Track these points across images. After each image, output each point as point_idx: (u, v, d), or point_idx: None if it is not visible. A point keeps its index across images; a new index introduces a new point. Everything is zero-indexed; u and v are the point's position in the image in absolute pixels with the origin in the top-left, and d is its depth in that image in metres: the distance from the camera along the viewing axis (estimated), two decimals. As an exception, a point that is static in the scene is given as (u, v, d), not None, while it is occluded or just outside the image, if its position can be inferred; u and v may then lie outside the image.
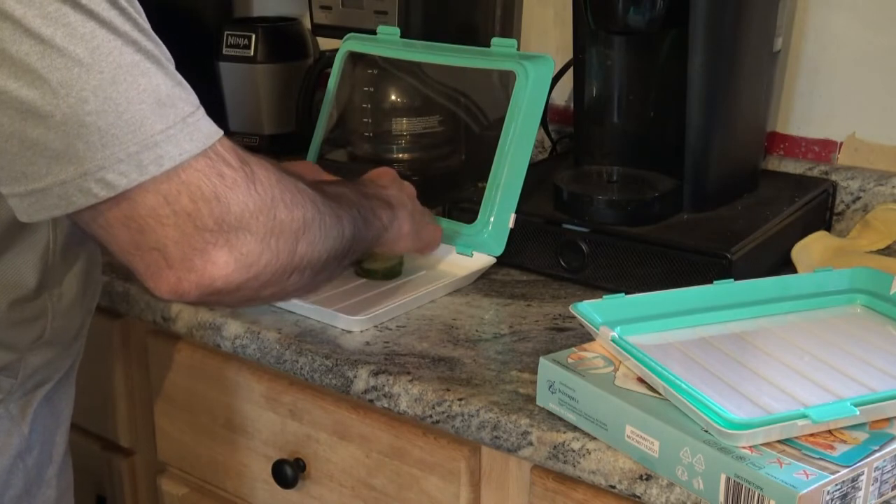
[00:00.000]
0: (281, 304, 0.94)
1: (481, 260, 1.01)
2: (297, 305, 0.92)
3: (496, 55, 1.08)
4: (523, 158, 1.03)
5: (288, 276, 0.71)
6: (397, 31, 1.17)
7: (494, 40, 1.09)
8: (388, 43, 1.16)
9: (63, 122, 0.60)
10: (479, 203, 1.03)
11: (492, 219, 1.02)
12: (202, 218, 0.64)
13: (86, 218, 0.64)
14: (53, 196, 0.62)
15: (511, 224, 1.02)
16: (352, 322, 0.89)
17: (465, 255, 1.02)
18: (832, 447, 0.64)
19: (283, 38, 1.42)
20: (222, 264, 0.66)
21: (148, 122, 0.62)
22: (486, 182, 1.03)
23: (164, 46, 0.65)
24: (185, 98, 0.64)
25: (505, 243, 1.02)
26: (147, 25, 0.65)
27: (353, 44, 1.19)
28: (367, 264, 0.99)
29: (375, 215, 0.87)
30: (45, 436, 0.84)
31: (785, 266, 1.02)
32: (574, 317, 0.78)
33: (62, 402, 0.87)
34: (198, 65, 1.40)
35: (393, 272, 0.99)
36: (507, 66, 1.05)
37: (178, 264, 0.65)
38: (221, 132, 0.66)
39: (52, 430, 0.86)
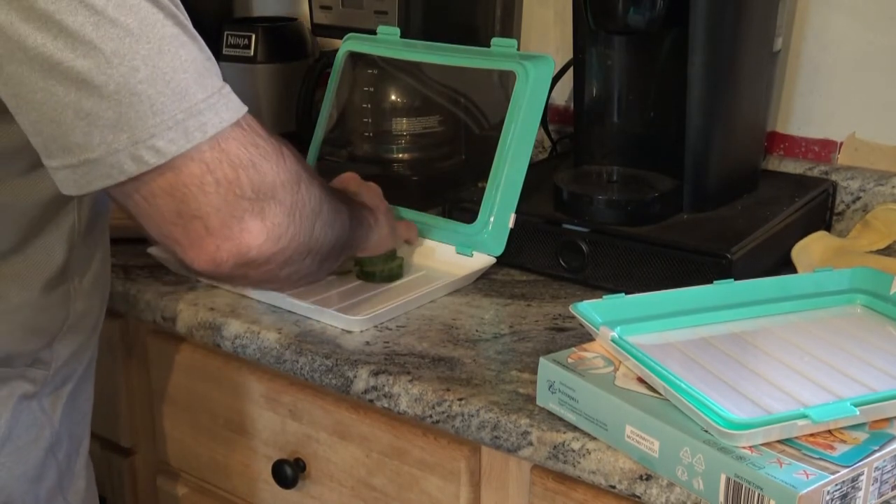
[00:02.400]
0: (281, 304, 0.94)
1: (481, 260, 1.01)
2: (297, 305, 0.93)
3: (496, 55, 1.08)
4: (523, 158, 1.03)
5: (304, 257, 0.74)
6: (397, 31, 1.16)
7: (494, 40, 1.09)
8: (388, 43, 1.16)
9: (116, 91, 0.61)
10: (479, 203, 1.03)
11: (492, 219, 1.02)
12: (241, 185, 0.66)
13: (130, 188, 0.65)
14: (106, 165, 0.63)
15: (511, 224, 1.02)
16: (352, 322, 0.89)
17: (465, 255, 1.02)
18: (832, 447, 0.64)
19: (283, 38, 1.42)
20: (256, 233, 0.67)
21: (191, 91, 0.64)
22: (486, 182, 1.03)
23: (192, 26, 0.68)
24: (216, 72, 0.67)
25: (505, 243, 1.02)
26: (179, 2, 0.67)
27: (353, 44, 1.19)
28: (367, 267, 0.99)
29: (363, 216, 0.90)
30: (71, 430, 0.86)
31: (785, 266, 1.02)
32: (574, 317, 0.78)
33: (84, 397, 0.89)
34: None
35: (393, 274, 0.99)
36: (508, 66, 1.05)
37: (217, 232, 0.66)
38: (246, 107, 0.68)
39: (77, 424, 0.87)
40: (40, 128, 0.64)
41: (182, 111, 0.63)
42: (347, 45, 1.19)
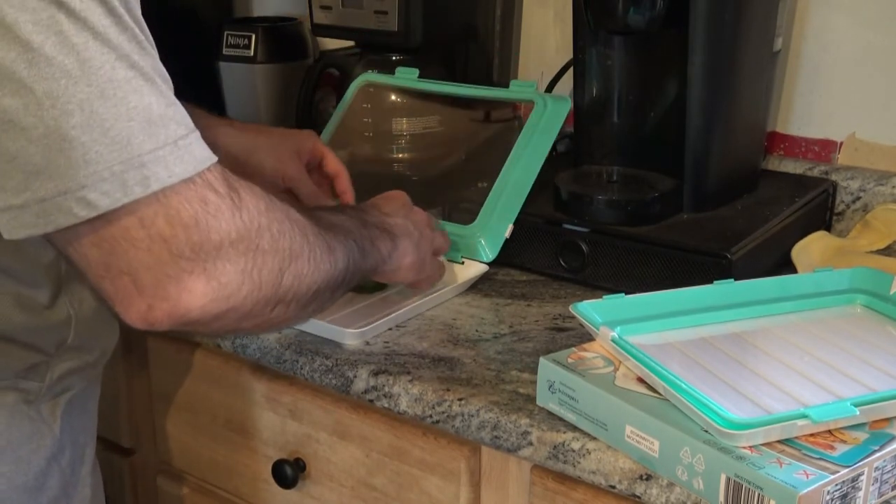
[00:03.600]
0: None
1: (475, 268, 1.00)
2: None
3: (515, 94, 1.13)
4: (529, 178, 1.04)
5: (271, 309, 0.68)
6: (415, 72, 1.17)
7: (513, 83, 1.14)
8: (405, 83, 1.18)
9: (45, 135, 0.57)
10: (478, 203, 1.03)
11: (488, 226, 1.01)
12: (178, 244, 0.61)
13: (61, 238, 0.61)
14: (31, 213, 0.59)
15: (507, 234, 1.01)
16: (347, 335, 0.88)
17: (457, 263, 1.01)
18: (832, 447, 0.64)
19: (283, 38, 1.42)
20: (199, 294, 0.62)
21: (136, 140, 0.59)
22: (486, 182, 1.03)
23: (161, 65, 0.63)
24: (178, 120, 0.61)
25: (497, 251, 1.01)
26: (145, 38, 0.62)
27: (368, 77, 1.20)
28: None
29: (374, 246, 0.83)
30: (74, 435, 0.83)
31: (785, 266, 1.02)
32: (574, 317, 0.78)
33: (90, 400, 0.87)
34: (198, 65, 1.41)
35: (380, 285, 0.97)
36: (527, 97, 1.10)
37: (149, 291, 0.61)
38: (215, 158, 0.64)
39: (81, 428, 0.85)
40: None
41: (120, 162, 0.58)
42: (363, 77, 1.20)
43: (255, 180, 0.70)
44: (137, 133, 0.59)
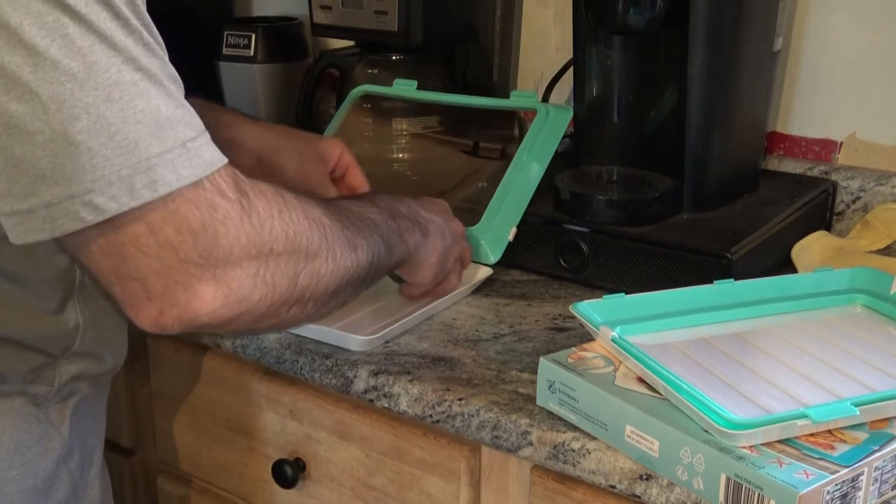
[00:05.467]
0: None
1: (479, 272, 0.99)
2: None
3: (516, 104, 1.14)
4: (532, 184, 1.04)
5: (287, 309, 0.68)
6: (413, 83, 1.17)
7: (514, 93, 1.14)
8: (403, 94, 1.18)
9: (51, 140, 0.57)
10: (479, 204, 1.03)
11: (491, 228, 1.01)
12: (186, 250, 0.61)
13: (71, 243, 0.61)
14: (38, 218, 0.59)
15: (511, 237, 1.01)
16: (356, 342, 0.86)
17: None
18: (832, 447, 0.64)
19: (283, 38, 1.42)
20: (209, 299, 0.62)
21: (143, 144, 0.58)
22: (487, 182, 1.03)
23: (170, 66, 0.62)
24: (186, 122, 0.61)
25: (501, 254, 1.01)
26: (153, 39, 0.62)
27: (365, 88, 1.20)
28: None
29: (402, 239, 0.82)
30: (83, 437, 0.83)
31: (785, 266, 1.02)
32: (574, 317, 0.78)
33: (98, 402, 0.86)
34: (198, 65, 1.41)
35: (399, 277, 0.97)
36: (529, 106, 1.11)
37: (159, 297, 0.61)
38: (225, 160, 0.63)
39: (90, 431, 0.84)
40: None
41: (128, 166, 0.58)
42: (359, 89, 1.20)
43: (276, 180, 0.70)
44: (145, 136, 0.59)
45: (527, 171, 1.04)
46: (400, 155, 1.22)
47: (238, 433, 1.00)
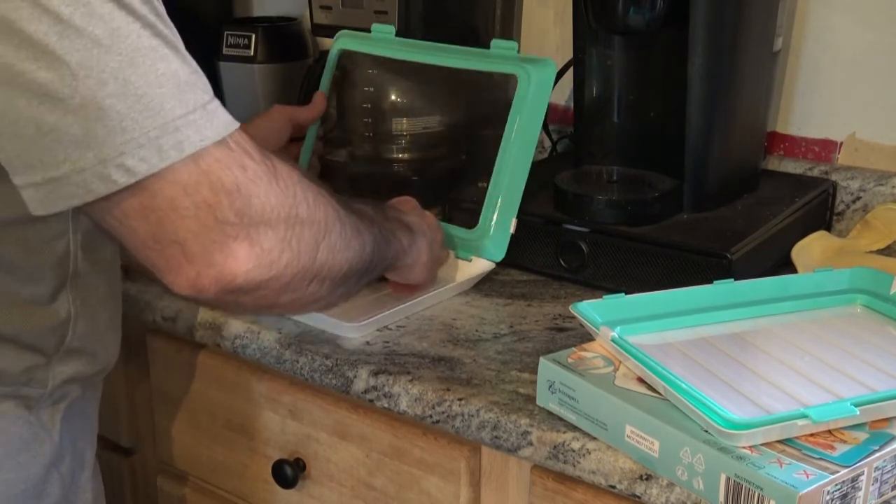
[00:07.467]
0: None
1: (481, 265, 1.01)
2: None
3: (496, 57, 1.06)
4: (525, 162, 1.02)
5: (308, 283, 0.70)
6: (392, 28, 1.16)
7: (494, 42, 1.07)
8: (382, 42, 1.16)
9: (82, 106, 0.58)
10: (479, 203, 1.02)
11: (493, 223, 1.01)
12: (222, 210, 0.62)
13: (102, 209, 0.62)
14: (71, 184, 0.60)
15: (512, 229, 1.01)
16: (348, 328, 0.88)
17: (465, 260, 1.01)
18: (832, 447, 0.64)
19: (283, 38, 1.42)
20: (243, 259, 0.64)
21: (168, 106, 0.60)
22: (487, 182, 1.03)
23: (178, 35, 0.64)
24: (201, 86, 0.63)
25: (506, 248, 1.01)
26: (163, 11, 0.63)
27: (345, 41, 1.18)
28: None
29: (395, 237, 0.84)
30: (74, 441, 0.83)
31: (785, 266, 1.02)
32: (574, 317, 0.78)
33: (90, 405, 0.86)
34: (198, 65, 1.41)
35: None
36: (509, 69, 1.03)
37: (197, 258, 0.63)
38: (238, 123, 0.65)
39: (81, 434, 0.84)
40: (2, 143, 0.60)
41: (156, 128, 0.60)
42: (340, 43, 1.18)
43: None
44: (169, 99, 0.60)
45: (517, 154, 1.01)
46: (400, 155, 1.22)
47: (238, 433, 1.00)
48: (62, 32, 0.58)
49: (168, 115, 0.60)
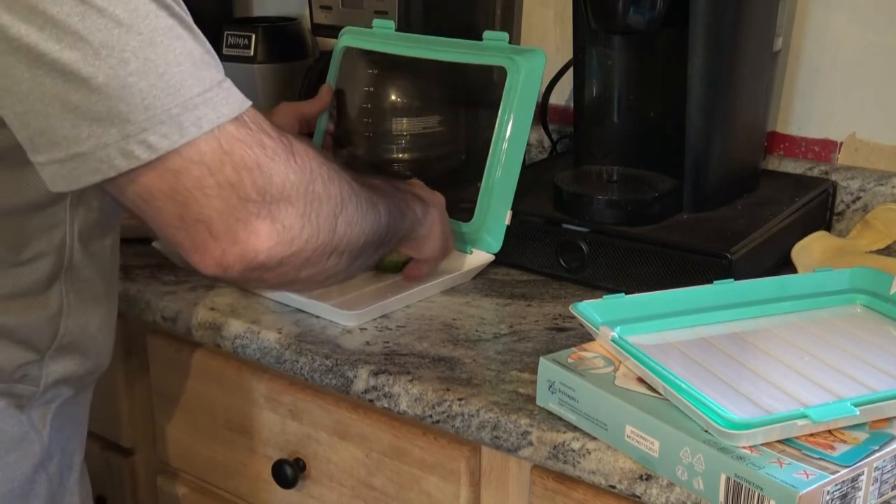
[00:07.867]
0: (276, 297, 0.94)
1: (480, 257, 1.01)
2: (293, 299, 0.92)
3: (487, 49, 1.07)
4: (517, 153, 1.02)
5: (328, 257, 0.72)
6: (392, 24, 1.17)
7: (486, 34, 1.08)
8: (383, 37, 1.16)
9: (105, 84, 0.60)
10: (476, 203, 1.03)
11: (488, 216, 1.01)
12: (245, 188, 0.64)
13: (121, 186, 0.64)
14: (95, 160, 0.62)
15: (507, 221, 1.02)
16: (347, 317, 0.89)
17: (464, 253, 1.02)
18: (832, 447, 0.64)
19: (283, 38, 1.42)
20: (265, 236, 0.66)
21: (186, 84, 0.62)
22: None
23: (191, 16, 0.66)
24: (215, 65, 0.65)
25: (502, 240, 1.02)
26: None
27: (349, 39, 1.18)
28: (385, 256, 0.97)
29: (409, 207, 0.87)
30: (63, 442, 0.83)
31: (785, 266, 1.02)
32: (574, 317, 0.78)
33: (80, 407, 0.86)
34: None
35: (401, 263, 0.98)
36: (498, 61, 1.04)
37: (222, 236, 0.65)
38: (250, 102, 0.67)
39: (70, 436, 0.84)
40: (27, 120, 0.62)
41: (176, 105, 0.62)
42: (344, 40, 1.19)
43: None
44: (187, 77, 0.62)
45: (509, 146, 1.01)
46: (400, 155, 1.22)
47: (238, 433, 1.00)
48: (84, 13, 0.59)
49: (187, 93, 0.62)
